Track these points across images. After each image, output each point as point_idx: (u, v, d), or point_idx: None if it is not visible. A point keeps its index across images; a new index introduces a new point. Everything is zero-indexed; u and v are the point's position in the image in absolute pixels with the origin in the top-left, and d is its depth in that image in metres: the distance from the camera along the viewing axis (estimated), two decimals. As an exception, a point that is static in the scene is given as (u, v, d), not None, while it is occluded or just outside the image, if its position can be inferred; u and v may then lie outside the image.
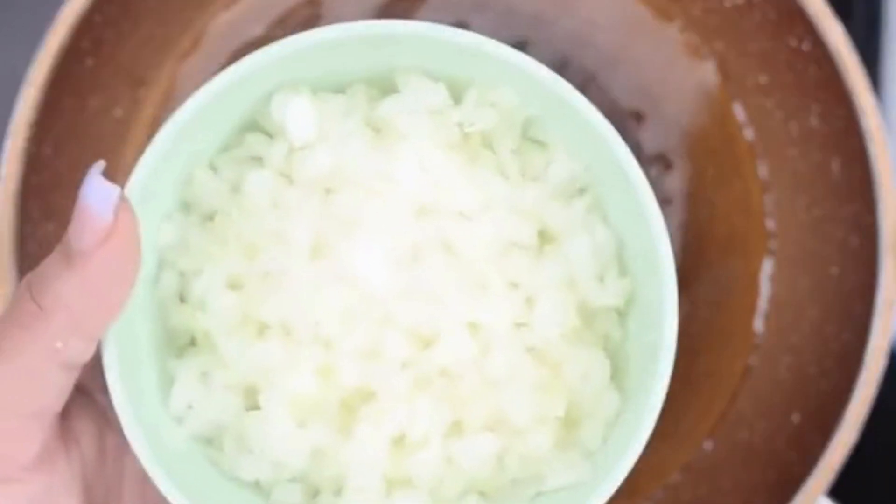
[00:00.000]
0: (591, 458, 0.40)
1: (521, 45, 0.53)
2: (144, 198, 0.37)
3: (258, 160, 0.39)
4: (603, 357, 0.40)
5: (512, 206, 0.39)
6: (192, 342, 0.40)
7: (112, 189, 0.35)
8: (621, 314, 0.41)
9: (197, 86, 0.55)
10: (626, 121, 0.53)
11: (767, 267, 0.54)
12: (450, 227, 0.39)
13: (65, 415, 0.38)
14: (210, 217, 0.39)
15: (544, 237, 0.40)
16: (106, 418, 0.39)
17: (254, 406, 0.39)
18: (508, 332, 0.39)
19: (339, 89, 0.40)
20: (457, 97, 0.40)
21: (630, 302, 0.40)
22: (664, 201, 0.54)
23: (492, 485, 0.40)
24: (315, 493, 0.40)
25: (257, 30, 0.55)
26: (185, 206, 0.40)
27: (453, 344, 0.39)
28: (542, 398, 0.39)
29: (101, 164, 0.36)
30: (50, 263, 0.36)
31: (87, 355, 0.37)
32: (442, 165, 0.39)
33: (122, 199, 0.36)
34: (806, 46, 0.52)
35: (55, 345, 0.36)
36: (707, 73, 0.54)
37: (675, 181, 0.54)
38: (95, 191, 0.35)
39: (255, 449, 0.39)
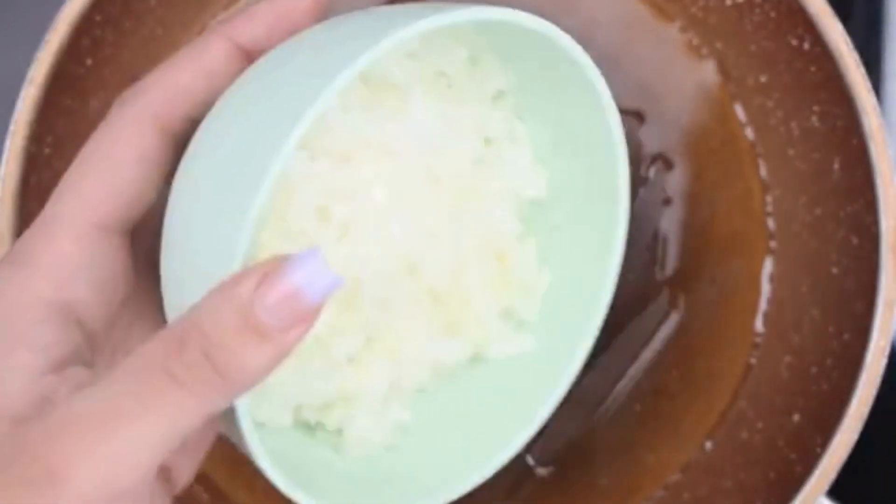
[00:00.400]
0: (529, 330, 0.44)
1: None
2: None
3: None
4: (532, 242, 0.44)
5: (472, 126, 0.42)
6: None
7: (337, 280, 0.34)
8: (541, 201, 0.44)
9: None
10: (626, 120, 0.53)
11: (768, 266, 0.54)
12: (438, 164, 0.41)
13: None
14: None
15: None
16: None
17: None
18: (479, 243, 0.43)
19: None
20: None
21: (556, 189, 0.44)
22: (665, 201, 0.54)
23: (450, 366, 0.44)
24: (299, 409, 0.42)
25: (257, 29, 0.55)
26: None
27: (442, 267, 0.42)
28: (500, 293, 0.43)
29: (319, 250, 0.34)
30: (233, 333, 0.33)
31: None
32: (437, 113, 0.41)
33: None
34: (806, 46, 0.52)
35: (220, 408, 0.34)
36: (707, 72, 0.54)
37: (676, 181, 0.54)
38: (319, 281, 0.33)
39: (265, 393, 0.40)
